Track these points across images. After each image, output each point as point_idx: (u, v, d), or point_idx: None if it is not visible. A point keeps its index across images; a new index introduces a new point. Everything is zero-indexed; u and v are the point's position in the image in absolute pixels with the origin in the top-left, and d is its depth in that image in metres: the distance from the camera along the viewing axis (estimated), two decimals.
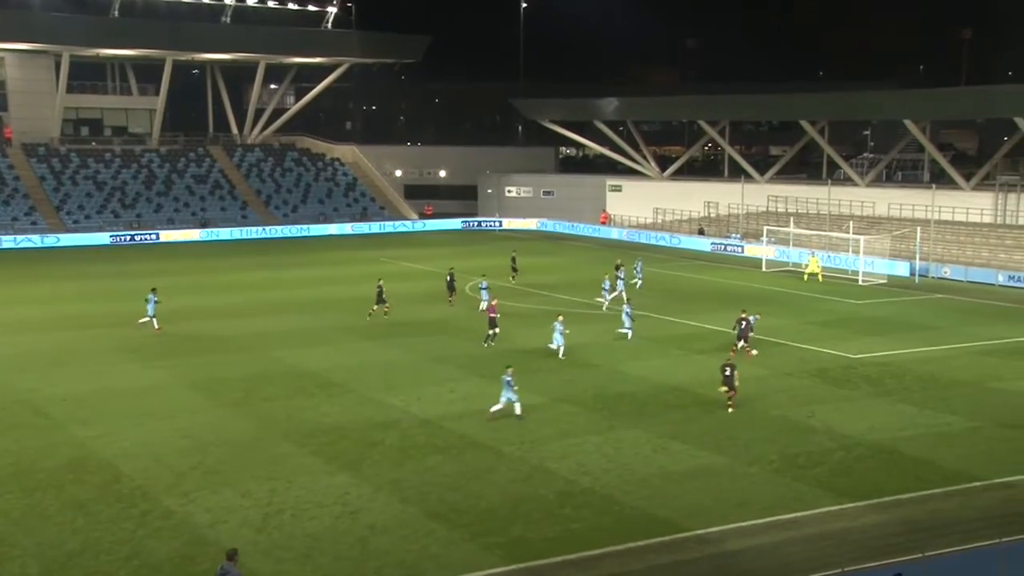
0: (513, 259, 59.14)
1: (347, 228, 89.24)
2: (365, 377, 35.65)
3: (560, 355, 38.40)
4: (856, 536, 22.09)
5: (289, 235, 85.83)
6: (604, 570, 20.64)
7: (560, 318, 39.75)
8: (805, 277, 58.54)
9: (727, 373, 31.71)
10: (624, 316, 42.28)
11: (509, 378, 30.39)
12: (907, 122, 73.41)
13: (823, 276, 58.47)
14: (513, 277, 57.65)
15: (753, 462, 26.65)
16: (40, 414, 31.25)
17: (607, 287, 49.57)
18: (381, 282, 47.45)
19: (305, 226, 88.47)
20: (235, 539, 21.05)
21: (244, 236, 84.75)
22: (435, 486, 24.94)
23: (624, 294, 49.44)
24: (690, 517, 22.97)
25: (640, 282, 55.67)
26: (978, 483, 25.17)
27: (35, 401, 32.71)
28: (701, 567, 20.87)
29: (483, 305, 46.44)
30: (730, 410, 31.39)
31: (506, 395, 30.36)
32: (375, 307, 46.58)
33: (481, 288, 48.34)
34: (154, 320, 44.07)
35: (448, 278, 51.24)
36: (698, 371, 36.51)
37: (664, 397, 33.06)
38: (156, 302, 44.20)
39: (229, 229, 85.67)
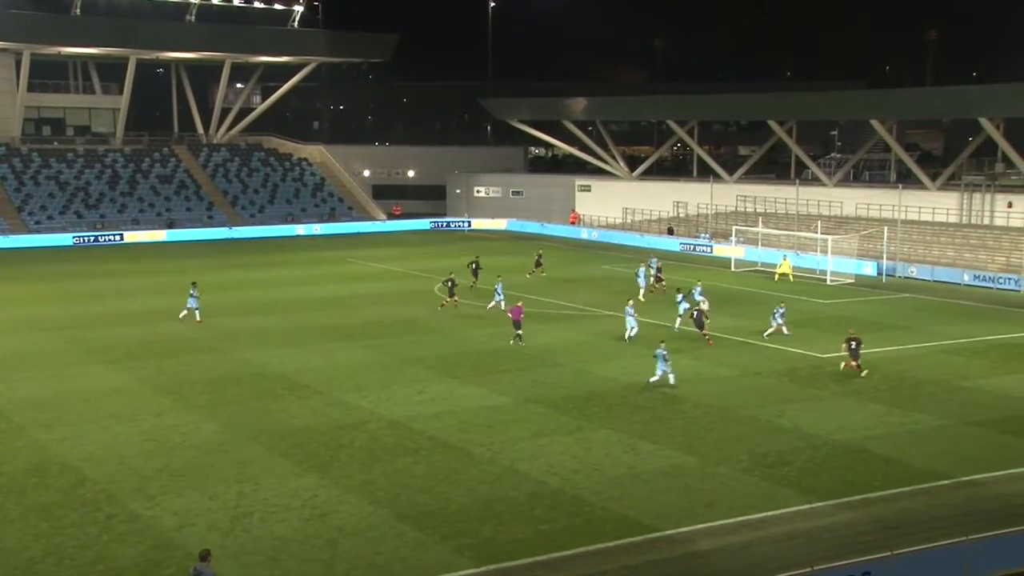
0: (539, 256, 59.97)
1: (315, 228, 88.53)
2: (333, 378, 35.43)
3: (627, 337, 40.56)
4: (825, 535, 22.11)
5: (256, 236, 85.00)
6: (575, 571, 20.57)
7: (631, 302, 41.90)
8: (776, 278, 58.66)
9: (853, 347, 35.15)
10: (680, 307, 43.74)
11: (664, 352, 33.77)
12: (874, 122, 73.85)
13: (793, 276, 58.63)
14: (543, 272, 58.99)
15: (722, 462, 26.66)
16: (1, 417, 30.75)
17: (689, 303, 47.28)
18: (452, 275, 49.38)
19: (272, 226, 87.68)
20: (202, 542, 20.75)
21: (210, 237, 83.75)
22: (405, 488, 24.78)
23: (641, 294, 50.80)
24: (660, 517, 22.94)
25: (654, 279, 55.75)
26: (945, 481, 25.32)
27: None
28: (671, 567, 20.82)
29: (492, 304, 47.20)
30: (863, 373, 35.00)
31: (661, 367, 33.64)
32: (448, 299, 47.85)
33: (497, 288, 48.43)
34: (196, 312, 45.33)
35: (473, 265, 54.22)
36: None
37: (633, 397, 33.01)
38: (197, 296, 45.61)
39: (195, 230, 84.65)
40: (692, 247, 73.94)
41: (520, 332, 40.84)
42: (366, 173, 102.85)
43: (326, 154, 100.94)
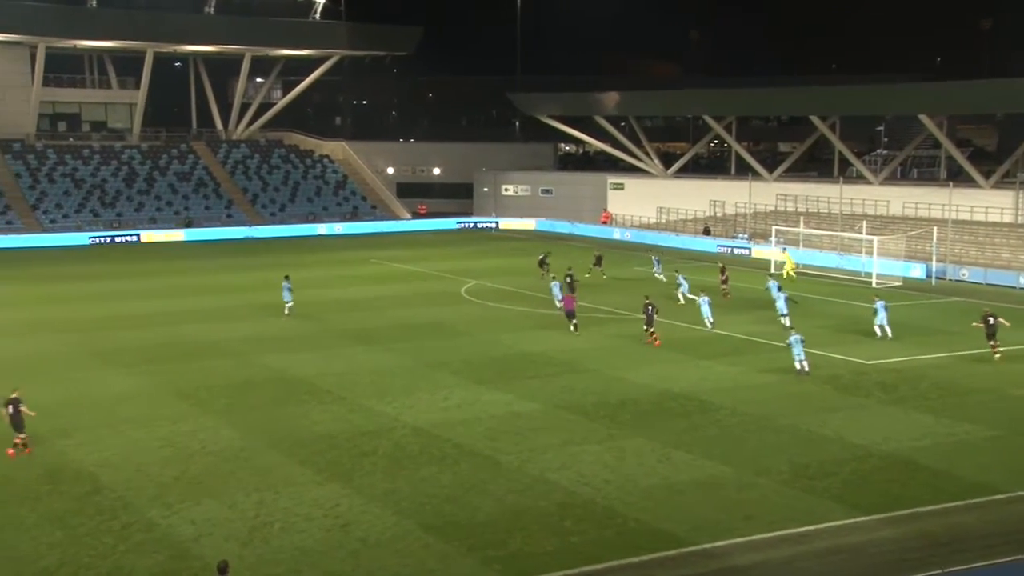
0: (598, 258, 59.75)
1: (337, 228, 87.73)
2: (356, 383, 34.75)
3: (708, 324, 43.13)
4: (871, 551, 21.31)
5: (276, 235, 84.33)
6: None
7: (702, 293, 44.55)
8: (784, 275, 56.80)
9: (990, 323, 37.51)
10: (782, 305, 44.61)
11: (798, 337, 35.44)
12: (923, 117, 71.93)
13: (794, 273, 57.01)
14: (603, 273, 58.85)
15: (761, 473, 25.79)
16: None
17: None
18: (571, 270, 51.68)
19: (293, 226, 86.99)
20: (220, 553, 20.26)
21: (229, 236, 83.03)
22: (430, 497, 24.18)
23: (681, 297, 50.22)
24: (695, 530, 22.21)
25: (663, 277, 56.80)
26: (999, 495, 24.26)
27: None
28: None
29: (557, 304, 47.10)
30: (997, 356, 37.30)
31: (797, 353, 35.15)
32: (569, 294, 48.76)
33: (552, 286, 48.72)
34: (287, 306, 46.59)
35: (542, 257, 57.15)
36: (702, 377, 35.66)
37: (667, 404, 32.17)
38: (290, 289, 46.82)
39: (213, 229, 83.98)
40: (730, 248, 72.43)
41: (575, 321, 42.63)
42: (390, 170, 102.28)
43: (348, 151, 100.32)
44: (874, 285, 55.90)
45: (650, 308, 41.15)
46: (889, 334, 41.68)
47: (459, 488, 24.74)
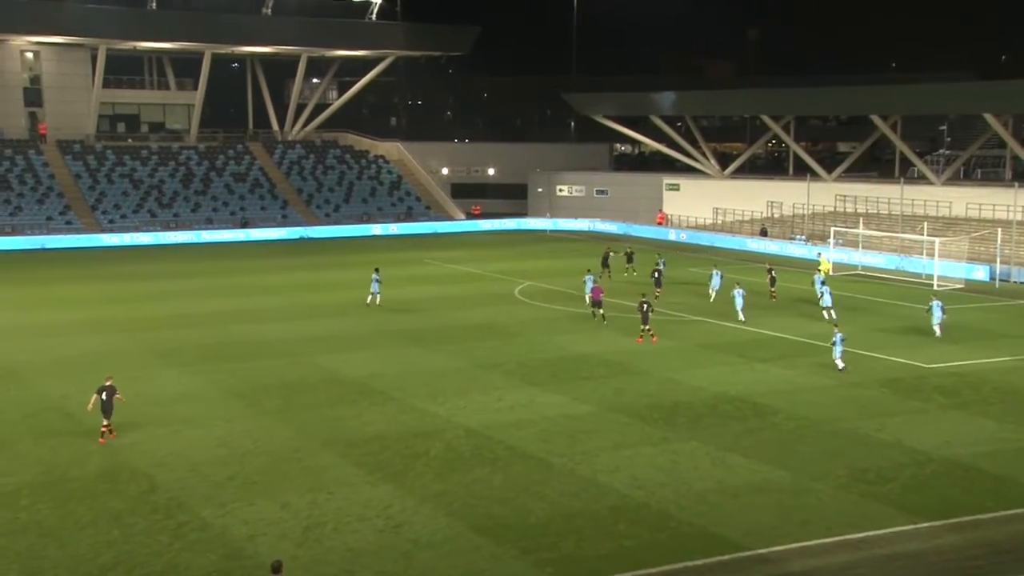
0: (630, 255, 59.54)
1: (391, 228, 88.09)
2: (408, 384, 34.74)
3: (740, 319, 44.23)
4: (932, 558, 20.86)
5: (331, 235, 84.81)
6: None
7: (737, 286, 45.51)
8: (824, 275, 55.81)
9: None
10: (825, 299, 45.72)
11: (841, 336, 35.96)
12: (987, 116, 70.43)
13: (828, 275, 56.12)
14: (634, 270, 59.14)
15: (817, 477, 25.35)
16: (73, 421, 30.54)
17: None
18: (659, 264, 53.45)
19: (348, 226, 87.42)
20: (274, 553, 20.40)
21: (284, 236, 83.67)
22: (482, 499, 24.11)
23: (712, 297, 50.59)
24: (750, 535, 21.90)
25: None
26: None
27: (68, 408, 32.02)
28: None
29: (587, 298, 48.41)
30: None
31: (837, 351, 35.86)
32: (657, 290, 51.19)
33: (587, 280, 49.26)
34: (377, 297, 48.45)
35: (604, 256, 58.49)
36: (757, 380, 35.20)
37: (722, 407, 31.78)
38: (379, 281, 48.82)
39: (269, 229, 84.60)
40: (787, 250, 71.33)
41: (602, 311, 44.38)
42: (444, 171, 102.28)
43: (403, 151, 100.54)
44: (935, 287, 54.75)
45: (645, 306, 41.21)
46: (937, 333, 40.99)
47: (511, 490, 24.62)
